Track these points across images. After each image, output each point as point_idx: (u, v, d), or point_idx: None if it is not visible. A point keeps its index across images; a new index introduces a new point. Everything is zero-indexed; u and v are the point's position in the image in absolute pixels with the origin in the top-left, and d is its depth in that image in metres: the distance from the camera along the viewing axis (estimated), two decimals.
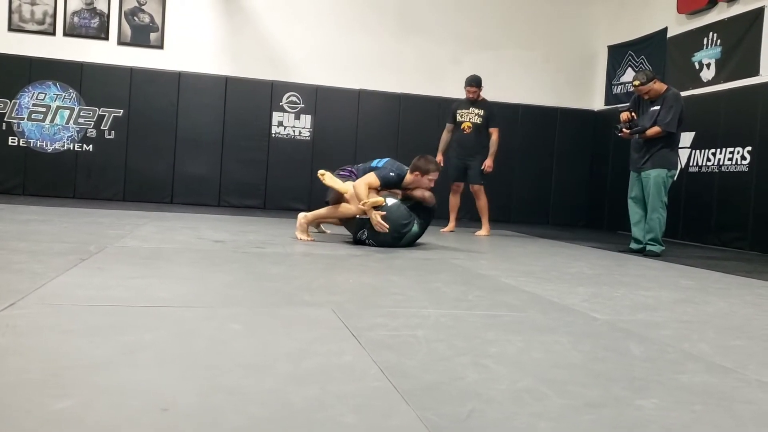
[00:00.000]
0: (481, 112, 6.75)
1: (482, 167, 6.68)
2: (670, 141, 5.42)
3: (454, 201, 6.99)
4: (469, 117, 6.77)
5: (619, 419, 1.34)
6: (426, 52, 9.55)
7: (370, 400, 1.35)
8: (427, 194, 4.81)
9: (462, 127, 6.79)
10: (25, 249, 3.25)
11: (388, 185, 4.76)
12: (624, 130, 5.48)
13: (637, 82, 5.43)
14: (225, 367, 1.52)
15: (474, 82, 6.75)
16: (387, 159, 5.01)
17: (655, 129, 5.34)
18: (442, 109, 9.39)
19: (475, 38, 9.69)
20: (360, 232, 4.67)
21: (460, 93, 9.53)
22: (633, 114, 5.48)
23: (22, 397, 1.25)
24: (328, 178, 4.74)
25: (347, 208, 4.68)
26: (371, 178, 4.69)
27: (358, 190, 4.60)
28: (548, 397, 1.44)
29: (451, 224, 6.94)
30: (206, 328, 1.90)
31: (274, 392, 1.36)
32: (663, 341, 2.10)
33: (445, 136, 6.98)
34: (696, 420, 1.37)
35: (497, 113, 6.89)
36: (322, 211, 4.84)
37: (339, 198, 4.78)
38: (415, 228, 4.71)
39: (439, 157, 6.72)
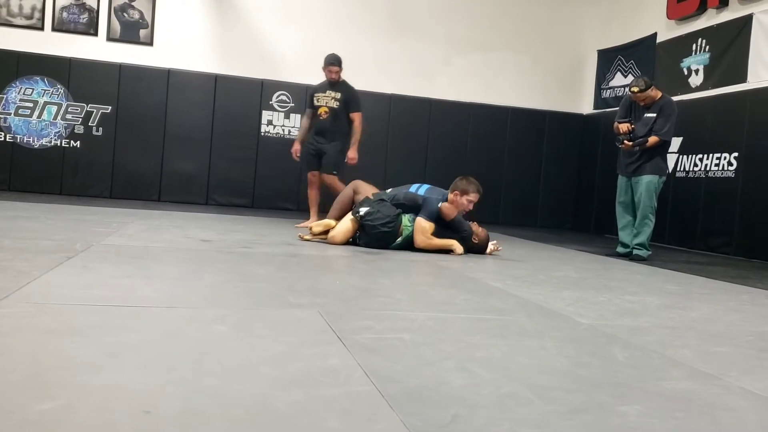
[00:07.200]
0: (338, 96, 6.09)
1: (345, 159, 6.07)
2: (662, 148, 5.46)
3: (312, 194, 6.27)
4: (326, 101, 6.11)
5: (602, 425, 1.35)
6: (417, 52, 9.56)
7: (355, 405, 1.35)
8: (481, 233, 4.86)
9: (318, 112, 6.12)
10: (10, 246, 3.23)
11: (435, 218, 4.68)
12: (626, 141, 5.50)
13: (635, 89, 5.42)
14: (209, 369, 1.51)
15: (336, 61, 6.08)
16: (427, 186, 4.87)
17: (654, 139, 5.37)
18: (432, 110, 9.44)
19: (466, 40, 9.72)
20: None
21: (451, 94, 9.62)
22: (632, 126, 5.51)
23: (3, 398, 1.23)
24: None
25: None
26: (425, 224, 4.62)
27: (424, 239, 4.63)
28: (532, 402, 1.45)
29: (312, 219, 6.02)
30: (191, 329, 1.89)
31: (257, 396, 1.35)
32: (647, 347, 2.11)
33: (304, 123, 6.34)
34: (678, 427, 1.38)
35: (357, 96, 6.20)
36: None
37: (342, 212, 4.93)
38: (406, 222, 4.63)
39: (296, 147, 6.28)
